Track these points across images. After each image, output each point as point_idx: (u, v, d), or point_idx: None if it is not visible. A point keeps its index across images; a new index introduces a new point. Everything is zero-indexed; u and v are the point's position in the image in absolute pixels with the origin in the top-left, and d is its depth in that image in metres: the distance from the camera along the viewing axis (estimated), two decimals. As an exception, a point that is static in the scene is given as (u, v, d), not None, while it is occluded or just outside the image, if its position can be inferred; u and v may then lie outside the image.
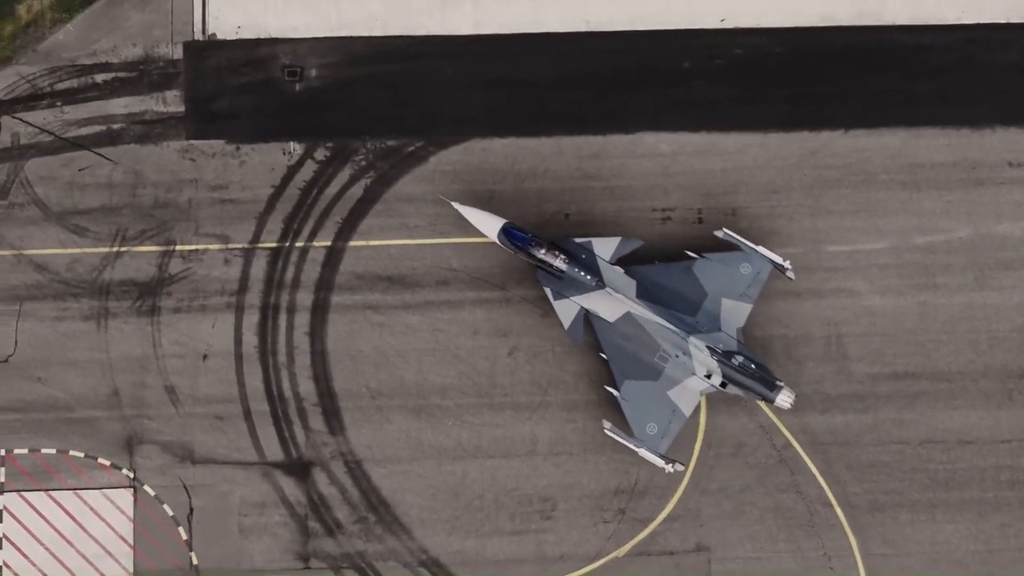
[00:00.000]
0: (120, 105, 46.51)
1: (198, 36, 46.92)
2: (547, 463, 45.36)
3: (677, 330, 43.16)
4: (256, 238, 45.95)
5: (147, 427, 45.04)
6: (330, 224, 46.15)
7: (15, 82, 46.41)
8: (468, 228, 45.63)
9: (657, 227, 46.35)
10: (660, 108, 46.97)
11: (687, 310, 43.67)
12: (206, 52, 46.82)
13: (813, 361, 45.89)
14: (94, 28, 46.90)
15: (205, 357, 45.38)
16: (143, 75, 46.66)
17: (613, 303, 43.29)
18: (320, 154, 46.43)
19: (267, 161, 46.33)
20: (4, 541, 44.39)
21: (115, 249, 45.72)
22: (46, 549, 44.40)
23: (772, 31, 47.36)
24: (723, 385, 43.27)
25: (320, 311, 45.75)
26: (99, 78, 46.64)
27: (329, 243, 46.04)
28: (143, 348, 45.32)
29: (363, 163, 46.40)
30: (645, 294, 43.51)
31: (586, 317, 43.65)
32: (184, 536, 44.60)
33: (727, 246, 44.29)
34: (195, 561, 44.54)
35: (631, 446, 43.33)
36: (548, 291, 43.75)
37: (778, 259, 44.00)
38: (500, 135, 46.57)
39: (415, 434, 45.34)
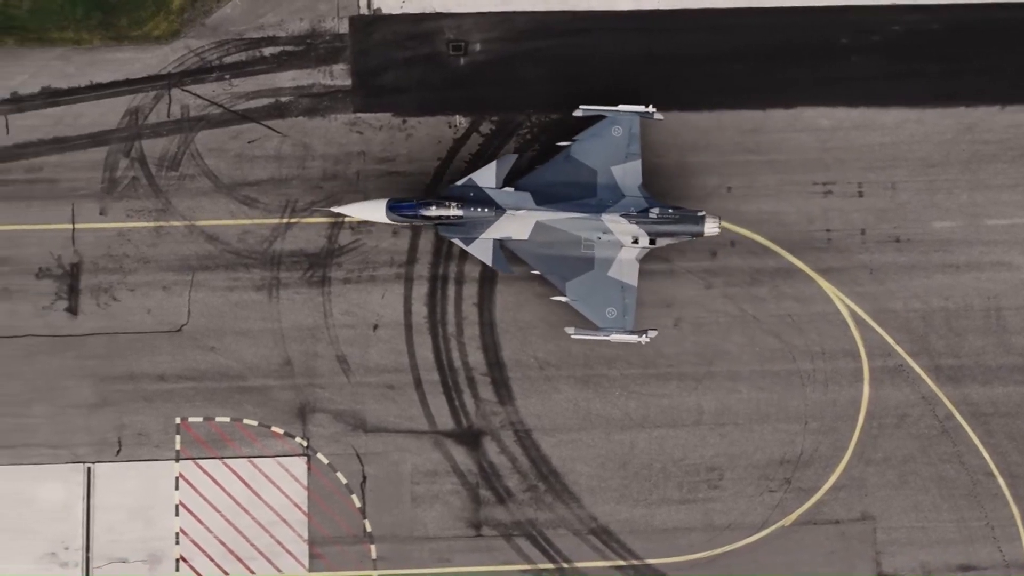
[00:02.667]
0: (288, 78, 46.97)
1: (363, 11, 47.36)
2: (713, 433, 45.88)
3: (587, 215, 43.75)
4: (425, 210, 46.35)
5: (319, 396, 45.54)
6: (496, 196, 46.57)
7: (184, 55, 46.87)
8: (632, 201, 46.16)
9: (818, 200, 46.86)
10: (818, 83, 47.43)
11: (586, 193, 44.31)
12: (372, 26, 47.27)
13: (973, 333, 46.43)
14: (261, 2, 47.33)
15: (375, 327, 45.88)
16: (310, 49, 47.11)
17: (519, 221, 43.81)
18: (485, 127, 46.88)
19: (433, 134, 46.79)
20: (181, 508, 44.89)
21: (285, 220, 46.21)
22: (222, 516, 44.89)
23: (929, 7, 47.78)
24: (652, 242, 43.98)
25: (488, 282, 46.26)
26: (267, 51, 47.09)
27: (495, 215, 46.46)
28: (314, 318, 45.83)
29: (527, 136, 46.88)
30: (543, 199, 44.06)
31: (503, 246, 44.11)
32: (357, 504, 45.11)
33: (592, 120, 44.77)
34: (368, 528, 45.05)
35: (602, 337, 43.99)
36: (457, 240, 44.27)
37: (640, 108, 44.67)
38: (661, 109, 46.88)
39: (583, 404, 45.84)
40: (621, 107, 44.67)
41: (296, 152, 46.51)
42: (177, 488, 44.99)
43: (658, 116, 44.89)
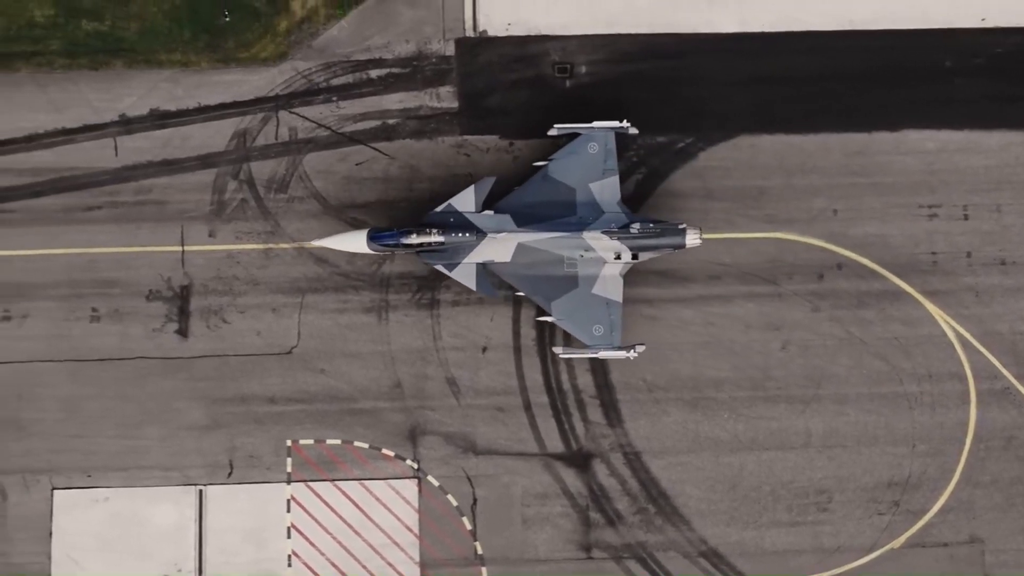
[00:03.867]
0: (395, 100, 47.08)
1: (469, 33, 47.45)
2: (821, 456, 45.97)
3: (568, 234, 43.68)
4: (531, 232, 46.46)
5: (430, 418, 45.65)
6: (603, 219, 46.66)
7: (291, 77, 46.97)
8: (738, 224, 46.50)
9: (924, 223, 46.96)
10: (923, 105, 47.54)
11: (566, 212, 44.25)
12: (477, 49, 47.37)
13: (1080, 356, 46.59)
14: (367, 24, 47.42)
15: (484, 349, 45.99)
16: (416, 71, 47.21)
17: (501, 244, 43.77)
18: (592, 150, 46.90)
19: (539, 156, 46.79)
20: (292, 530, 45.00)
21: (393, 243, 46.21)
22: (333, 538, 45.00)
23: (1033, 30, 47.94)
24: (635, 257, 43.92)
25: (596, 305, 46.30)
26: (373, 74, 47.19)
27: (603, 238, 46.54)
28: (423, 340, 45.93)
29: (634, 159, 46.95)
30: (523, 220, 43.94)
31: (486, 269, 44.10)
32: (468, 526, 45.22)
33: (567, 139, 44.81)
34: (479, 551, 45.16)
35: (590, 355, 44.06)
36: (440, 267, 44.14)
37: (615, 124, 44.64)
38: (767, 132, 47.12)
39: (692, 426, 45.94)
40: (595, 123, 44.69)
41: (403, 174, 46.63)
42: (289, 510, 45.11)
43: (633, 131, 44.87)
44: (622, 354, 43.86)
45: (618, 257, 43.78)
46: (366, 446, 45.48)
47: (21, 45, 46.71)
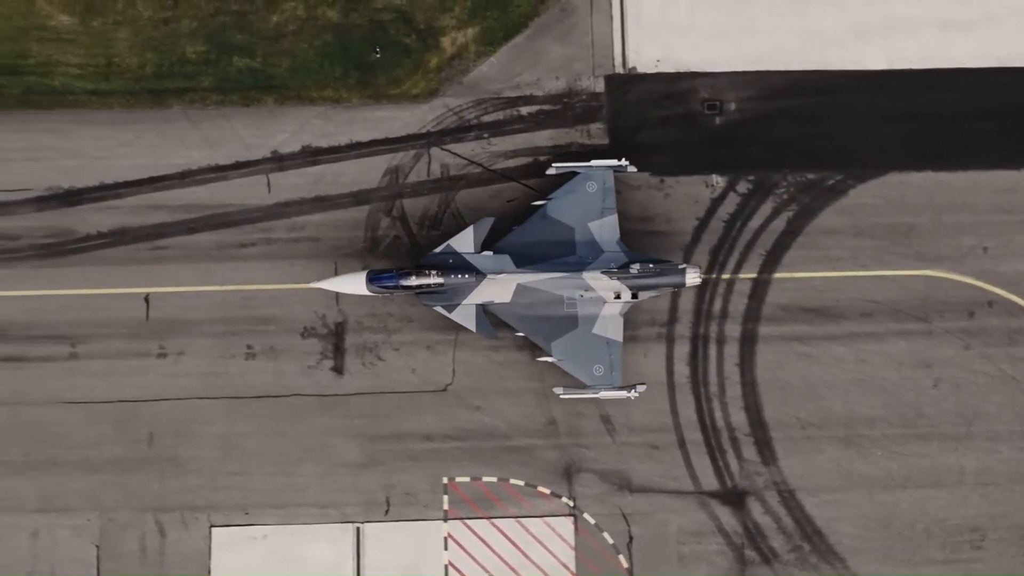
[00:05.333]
0: (545, 137, 47.18)
1: (619, 69, 47.52)
2: (974, 493, 46.02)
3: (568, 274, 43.60)
4: (683, 270, 46.54)
5: (584, 456, 45.74)
6: (754, 256, 46.82)
7: (442, 114, 47.06)
8: (889, 261, 46.58)
9: (1075, 261, 47.07)
10: (1072, 142, 47.64)
11: (565, 251, 44.18)
12: (627, 85, 47.45)
13: None
14: (517, 61, 47.50)
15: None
16: (566, 108, 47.29)
17: (501, 285, 43.67)
18: (742, 187, 47.05)
19: (690, 193, 46.97)
20: (450, 568, 45.08)
21: (546, 280, 46.28)
22: (490, 576, 45.17)
23: None
24: (635, 296, 43.84)
25: (748, 342, 46.41)
26: (524, 110, 47.27)
27: (754, 275, 46.72)
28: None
29: (784, 196, 47.02)
30: (522, 260, 43.84)
31: (486, 310, 44.03)
32: (625, 564, 45.33)
33: (565, 178, 44.72)
34: (636, 589, 45.34)
35: (591, 395, 43.99)
36: (440, 308, 44.00)
37: (613, 162, 44.65)
38: (916, 169, 47.18)
39: (845, 464, 46.01)
40: (594, 162, 44.68)
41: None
42: (446, 548, 45.20)
43: (631, 169, 44.87)
44: (623, 394, 43.95)
45: (618, 296, 43.75)
46: (522, 483, 45.56)
47: (174, 81, 46.83)
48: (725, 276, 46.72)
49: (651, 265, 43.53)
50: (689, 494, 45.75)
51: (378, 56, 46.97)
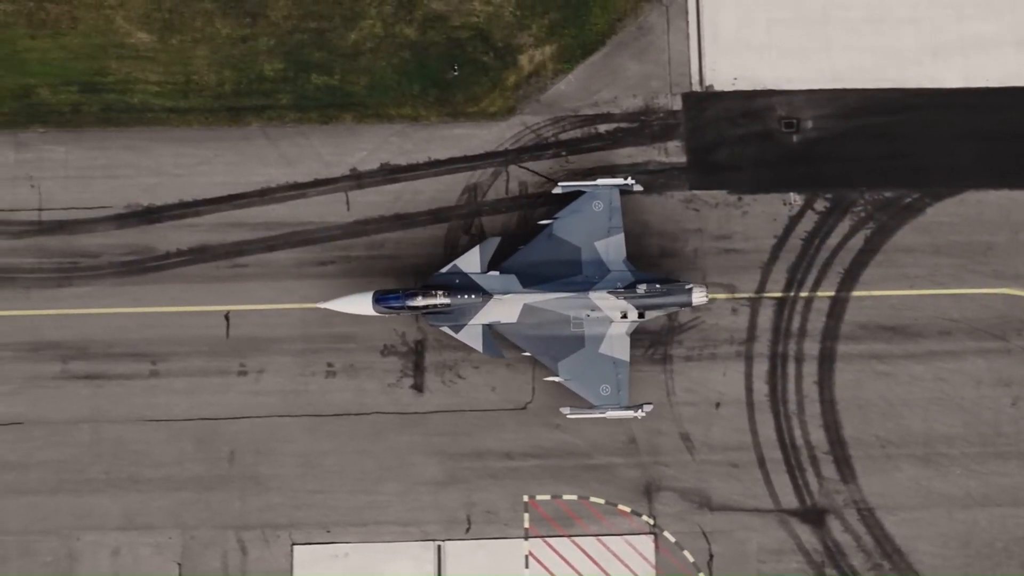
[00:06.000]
0: (623, 155, 47.21)
1: (695, 87, 47.57)
2: (1054, 512, 46.14)
3: (574, 294, 43.57)
4: (761, 288, 46.67)
5: (664, 474, 45.80)
6: (832, 274, 46.83)
7: (520, 132, 47.13)
8: (966, 279, 46.64)
9: None
10: None
11: (572, 271, 44.14)
12: (704, 103, 47.49)
13: None
14: (594, 79, 47.56)
15: (718, 405, 46.12)
16: (644, 125, 47.35)
17: (507, 305, 43.69)
18: (820, 205, 47.09)
19: (768, 211, 47.01)
20: (531, 586, 45.24)
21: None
22: (571, 594, 45.23)
23: None
24: (641, 315, 43.80)
25: (827, 360, 46.45)
26: (601, 128, 47.33)
27: (832, 293, 46.73)
28: (657, 395, 46.04)
29: (862, 214, 47.05)
30: (528, 280, 43.85)
31: (492, 330, 44.00)
32: (705, 582, 45.45)
33: (571, 196, 44.69)
34: (716, 607, 45.38)
35: (597, 415, 43.99)
36: (446, 328, 43.99)
37: (619, 180, 44.68)
38: (993, 187, 47.20)
39: (924, 483, 46.04)
40: (600, 181, 44.74)
41: (634, 229, 46.55)
42: (527, 566, 45.27)
43: (637, 188, 44.91)
44: (629, 414, 43.99)
45: (624, 316, 43.75)
46: (602, 502, 45.63)
47: (252, 99, 46.93)
48: (803, 294, 46.74)
49: (658, 285, 43.63)
50: (769, 512, 45.80)
51: (456, 74, 47.04)
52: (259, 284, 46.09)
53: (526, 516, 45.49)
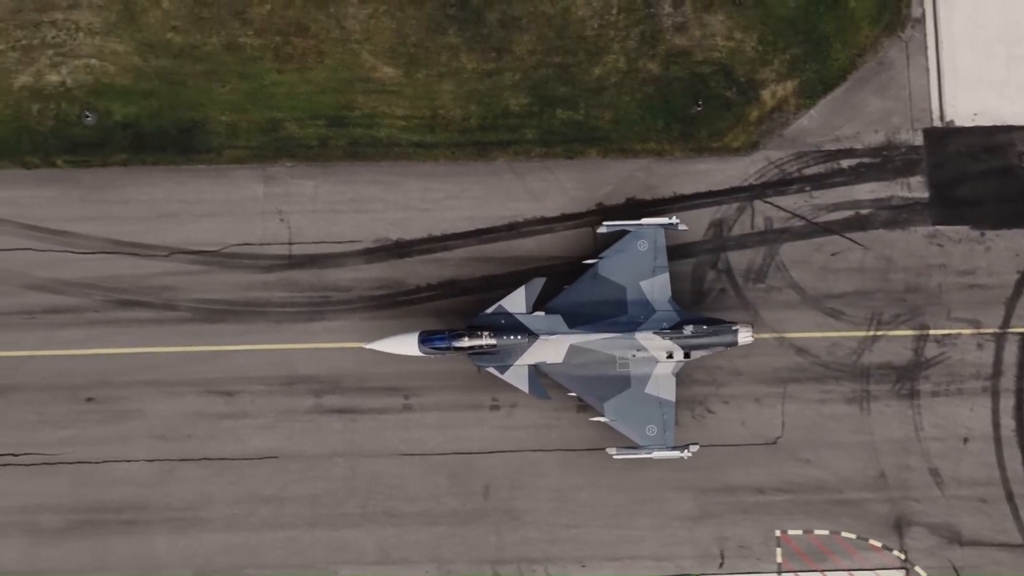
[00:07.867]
0: (866, 190, 47.41)
1: (936, 123, 47.74)
2: None
3: (620, 334, 43.61)
4: (1006, 323, 46.88)
5: (914, 509, 46.03)
6: (1078, 311, 47.09)
7: (764, 167, 47.32)
8: None
9: None
10: None
11: (617, 311, 44.17)
12: (946, 138, 47.68)
13: None
14: (836, 114, 47.74)
15: (965, 440, 46.33)
16: (886, 161, 47.54)
17: (553, 345, 43.74)
18: (1064, 241, 47.35)
19: (1011, 247, 47.24)
20: (786, 620, 45.46)
21: (871, 333, 46.62)
22: (825, 628, 45.47)
23: None
24: (687, 355, 43.81)
25: (1072, 396, 46.73)
26: (844, 163, 47.52)
27: (1078, 329, 47.01)
28: (904, 431, 46.30)
29: (1076, 250, 47.30)
30: (574, 320, 43.86)
31: (538, 371, 44.07)
32: (961, 616, 45.63)
33: (616, 236, 44.73)
34: (956, 642, 45.68)
35: (644, 455, 44.04)
36: (492, 369, 43.95)
37: (664, 220, 44.66)
38: None
39: None
40: (644, 220, 44.77)
41: (878, 264, 46.92)
42: (771, 599, 45.56)
43: (682, 227, 44.85)
44: (676, 454, 44.09)
45: (670, 356, 43.84)
46: (854, 536, 45.86)
47: (498, 134, 47.09)
48: (1049, 330, 47.04)
49: (704, 327, 43.71)
50: (1018, 547, 46.05)
51: (700, 109, 47.20)
52: (507, 318, 46.18)
53: (778, 551, 45.73)
